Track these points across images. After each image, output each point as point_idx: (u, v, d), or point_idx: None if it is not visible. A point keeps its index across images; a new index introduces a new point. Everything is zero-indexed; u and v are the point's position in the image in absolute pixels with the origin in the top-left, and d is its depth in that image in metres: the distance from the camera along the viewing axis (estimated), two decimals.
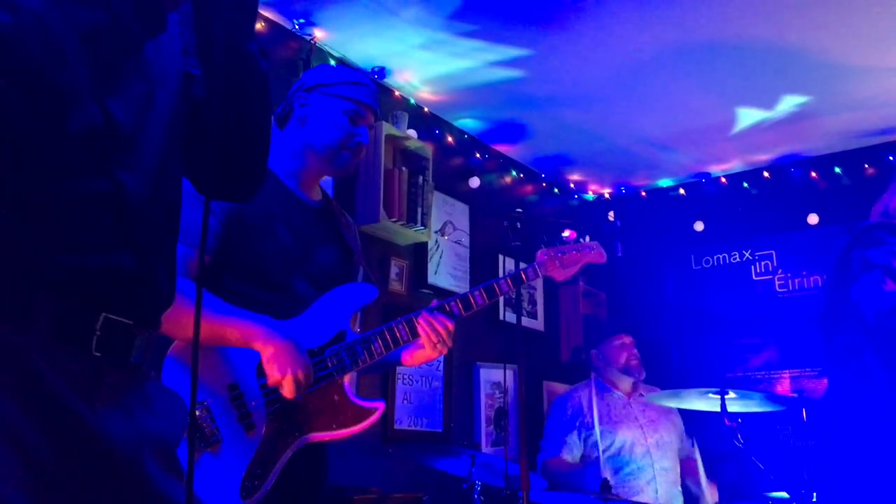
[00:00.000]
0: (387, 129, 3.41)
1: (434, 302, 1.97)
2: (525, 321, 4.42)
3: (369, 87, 1.99)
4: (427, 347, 1.91)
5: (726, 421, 2.72)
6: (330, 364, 1.80)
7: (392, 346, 1.87)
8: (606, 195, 5.10)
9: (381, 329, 1.88)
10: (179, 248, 1.74)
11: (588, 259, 2.20)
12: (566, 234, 2.25)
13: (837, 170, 4.31)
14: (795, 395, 4.08)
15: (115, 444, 0.90)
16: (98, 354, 0.89)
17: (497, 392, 4.00)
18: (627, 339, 3.75)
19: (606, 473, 3.31)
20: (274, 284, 1.82)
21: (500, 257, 4.18)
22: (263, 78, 1.13)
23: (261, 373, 1.72)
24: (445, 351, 1.93)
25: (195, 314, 0.94)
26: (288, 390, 1.67)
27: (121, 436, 0.91)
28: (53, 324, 0.85)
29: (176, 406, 1.08)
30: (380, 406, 1.85)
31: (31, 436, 0.82)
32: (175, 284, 1.05)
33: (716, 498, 3.27)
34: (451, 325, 1.91)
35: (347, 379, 1.84)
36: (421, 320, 1.90)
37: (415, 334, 1.90)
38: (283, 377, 1.66)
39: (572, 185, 4.99)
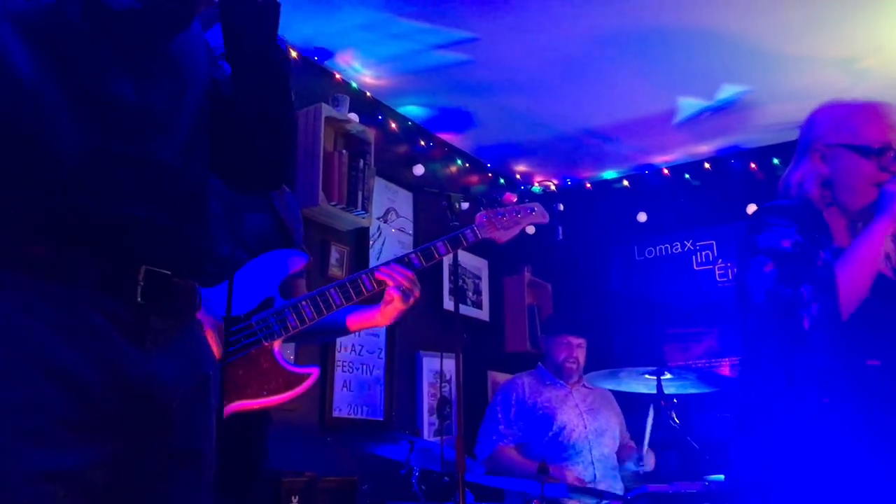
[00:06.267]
0: (327, 111, 3.35)
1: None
2: (470, 311, 4.40)
3: None
4: (396, 300, 1.89)
5: (662, 402, 2.73)
6: (257, 330, 1.76)
7: (325, 310, 1.83)
8: (552, 187, 5.12)
9: (313, 294, 1.84)
10: None
11: (530, 220, 2.18)
12: (507, 197, 2.24)
13: (776, 161, 4.39)
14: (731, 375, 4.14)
15: (157, 383, 1.02)
16: (143, 302, 1.02)
17: (440, 381, 3.97)
18: (575, 341, 3.70)
19: (545, 457, 3.30)
20: None
21: None
22: (286, 78, 1.26)
23: None
24: (412, 302, 1.92)
25: (228, 287, 1.14)
26: None
27: (162, 377, 1.03)
28: (100, 277, 0.98)
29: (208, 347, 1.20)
30: (313, 372, 1.81)
31: (84, 373, 0.94)
32: (210, 242, 1.20)
33: (652, 465, 3.26)
34: (411, 274, 1.91)
35: (277, 346, 1.80)
36: (385, 270, 1.88)
37: (348, 299, 1.86)
38: None
39: (518, 176, 4.99)
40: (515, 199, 2.21)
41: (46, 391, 0.91)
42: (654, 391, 2.73)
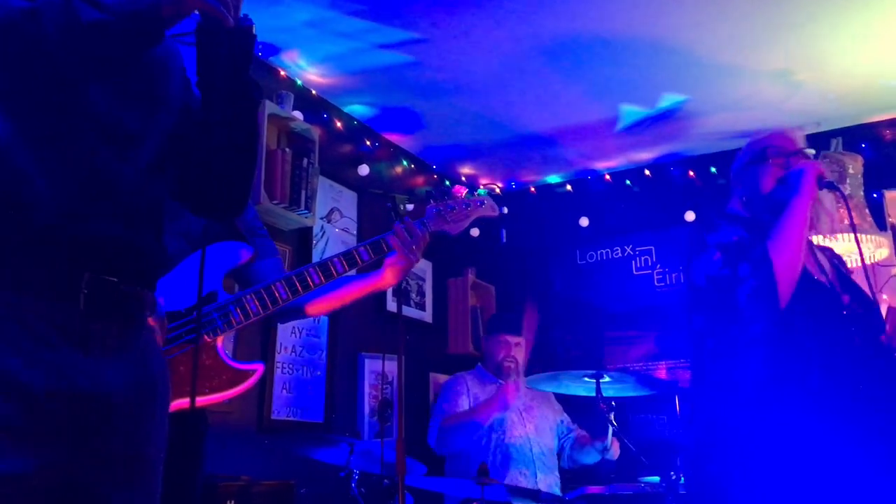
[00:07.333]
0: (270, 108, 3.29)
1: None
2: (413, 312, 4.39)
3: None
4: (401, 257, 1.98)
5: (602, 405, 2.77)
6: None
7: (270, 305, 1.79)
8: (497, 190, 5.14)
9: (258, 287, 1.80)
10: None
11: (480, 213, 2.20)
12: (456, 189, 2.23)
13: (713, 169, 4.50)
14: (668, 378, 4.23)
15: (102, 389, 1.04)
16: (85, 309, 1.03)
17: (381, 383, 3.95)
18: (513, 340, 3.73)
19: (485, 457, 3.32)
20: None
21: None
22: (255, 106, 1.29)
23: None
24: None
25: (199, 281, 1.23)
26: None
27: (107, 382, 1.05)
28: (45, 284, 1.00)
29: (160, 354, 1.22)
30: (258, 368, 1.78)
31: (27, 379, 0.96)
32: (165, 252, 1.21)
33: (617, 453, 3.26)
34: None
35: (220, 341, 1.76)
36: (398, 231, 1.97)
37: (294, 293, 1.84)
38: None
39: (464, 179, 5.00)
40: (465, 192, 2.20)
41: None
42: (594, 394, 2.77)
